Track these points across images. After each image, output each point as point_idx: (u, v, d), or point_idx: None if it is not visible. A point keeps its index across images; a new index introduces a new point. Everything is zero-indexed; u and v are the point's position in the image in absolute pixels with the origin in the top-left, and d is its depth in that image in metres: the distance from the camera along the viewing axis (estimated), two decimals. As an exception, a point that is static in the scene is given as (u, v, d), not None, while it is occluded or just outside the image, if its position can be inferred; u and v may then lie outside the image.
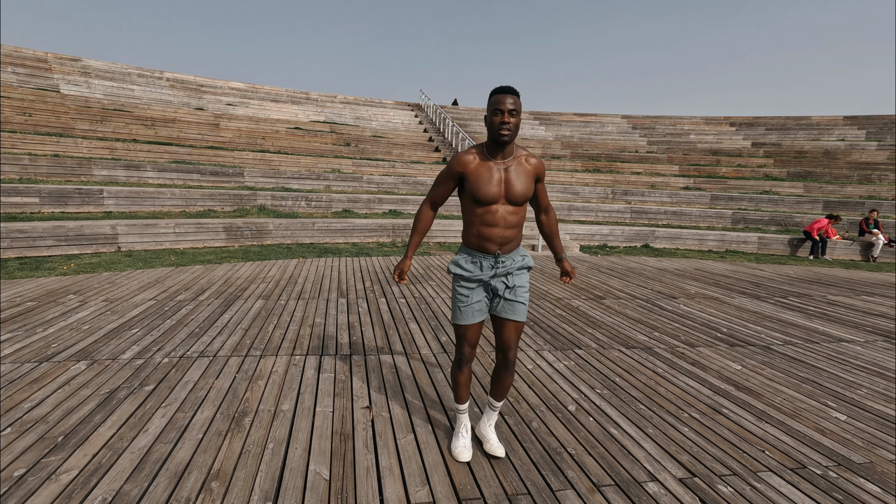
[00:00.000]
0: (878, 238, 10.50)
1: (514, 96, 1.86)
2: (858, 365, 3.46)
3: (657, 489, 1.90)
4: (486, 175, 1.92)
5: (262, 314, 4.14)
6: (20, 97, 12.09)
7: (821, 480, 2.00)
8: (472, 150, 1.98)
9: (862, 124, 19.22)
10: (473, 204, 1.97)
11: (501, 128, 1.85)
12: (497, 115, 1.85)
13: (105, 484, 1.81)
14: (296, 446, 2.11)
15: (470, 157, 1.95)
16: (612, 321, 4.36)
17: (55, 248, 6.60)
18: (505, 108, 1.83)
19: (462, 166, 1.95)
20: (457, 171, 1.97)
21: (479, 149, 1.98)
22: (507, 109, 1.84)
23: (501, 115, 1.84)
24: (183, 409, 2.41)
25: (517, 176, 1.94)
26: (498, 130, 1.86)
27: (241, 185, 10.84)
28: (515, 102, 1.85)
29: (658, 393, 2.83)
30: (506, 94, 1.85)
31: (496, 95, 1.87)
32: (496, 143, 1.89)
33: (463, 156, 1.96)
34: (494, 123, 1.86)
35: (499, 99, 1.85)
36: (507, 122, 1.84)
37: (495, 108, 1.86)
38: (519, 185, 1.93)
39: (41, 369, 2.85)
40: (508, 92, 1.86)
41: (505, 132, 1.85)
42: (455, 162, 1.96)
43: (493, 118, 1.87)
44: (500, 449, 2.11)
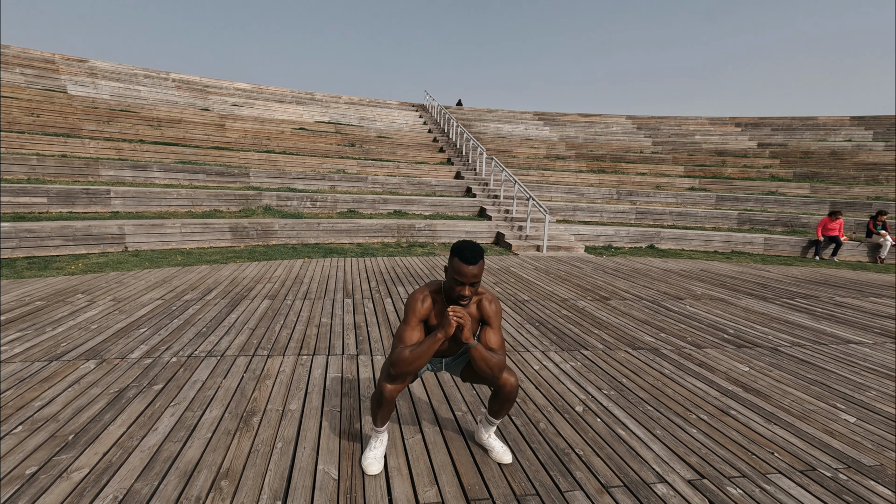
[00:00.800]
0: (885, 239, 10.43)
1: (477, 266, 1.74)
2: (867, 367, 3.44)
3: (666, 490, 1.89)
4: (440, 320, 1.87)
5: (268, 314, 4.16)
6: (28, 98, 12.19)
7: (830, 483, 1.99)
8: (429, 295, 1.90)
9: (869, 125, 19.10)
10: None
11: (460, 300, 1.79)
12: (458, 286, 1.77)
13: (116, 482, 1.82)
14: (304, 446, 2.12)
15: (427, 304, 1.89)
16: (619, 322, 4.35)
17: (63, 247, 6.64)
18: (467, 280, 1.74)
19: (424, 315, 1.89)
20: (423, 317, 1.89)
21: (436, 293, 1.91)
22: (468, 283, 1.75)
23: (462, 287, 1.76)
24: (192, 409, 2.42)
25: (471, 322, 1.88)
26: (458, 301, 1.80)
27: (246, 185, 10.88)
28: (478, 272, 1.74)
29: (665, 394, 2.82)
30: (468, 265, 1.73)
31: (458, 262, 1.74)
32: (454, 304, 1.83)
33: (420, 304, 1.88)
34: (454, 291, 1.79)
35: (461, 269, 1.73)
36: (466, 295, 1.77)
37: (457, 278, 1.75)
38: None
39: (51, 368, 2.87)
40: (471, 262, 1.73)
41: (463, 303, 1.80)
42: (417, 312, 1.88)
43: (453, 285, 1.78)
44: (507, 454, 2.07)
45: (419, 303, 1.89)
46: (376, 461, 1.98)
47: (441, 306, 1.91)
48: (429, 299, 1.90)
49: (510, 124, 20.25)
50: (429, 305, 1.90)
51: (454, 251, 1.77)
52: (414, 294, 1.92)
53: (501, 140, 17.80)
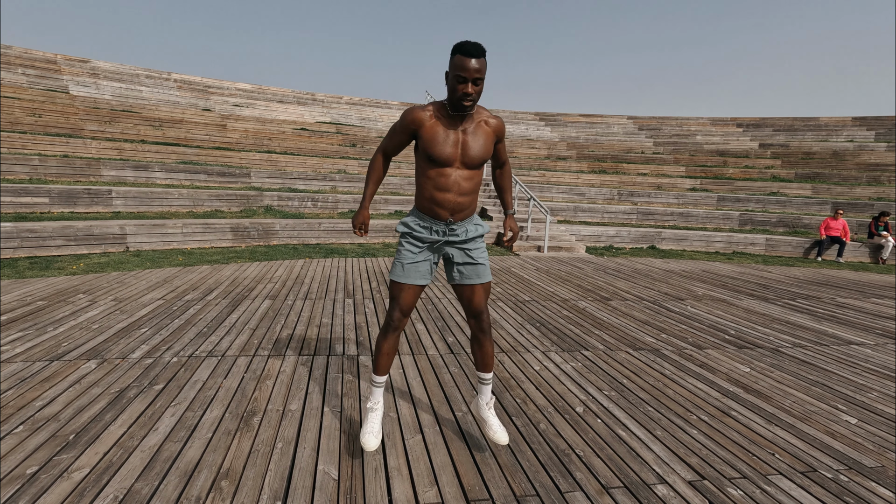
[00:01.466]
0: (887, 240, 10.41)
1: (480, 59, 1.63)
2: (869, 368, 3.44)
3: (666, 492, 1.89)
4: (441, 135, 1.77)
5: (269, 314, 4.16)
6: (30, 98, 12.22)
7: (832, 484, 1.99)
8: (430, 107, 1.80)
9: (871, 125, 19.07)
10: (427, 164, 1.83)
11: (464, 98, 1.67)
12: (461, 83, 1.65)
13: (116, 482, 1.83)
14: (304, 446, 2.12)
15: (426, 113, 1.79)
16: (619, 323, 4.35)
17: (65, 247, 6.65)
18: (469, 75, 1.63)
19: (416, 123, 1.79)
20: (410, 128, 1.81)
21: (438, 106, 1.80)
22: (471, 77, 1.64)
23: (465, 85, 1.65)
24: (192, 409, 2.42)
25: (475, 139, 1.80)
26: (460, 101, 1.69)
27: (247, 185, 10.89)
28: (481, 67, 1.64)
29: (666, 395, 2.82)
30: (470, 58, 1.62)
31: (460, 57, 1.63)
32: (456, 108, 1.74)
33: (419, 111, 1.78)
34: (456, 90, 1.67)
35: (463, 63, 1.62)
36: (469, 93, 1.66)
37: (458, 74, 1.64)
38: (476, 148, 1.80)
39: (52, 368, 2.87)
40: (474, 55, 1.63)
41: (467, 103, 1.69)
42: (409, 117, 1.79)
43: (455, 84, 1.66)
44: (503, 433, 1.98)
45: (417, 110, 1.79)
46: (373, 436, 1.95)
47: (445, 120, 1.79)
48: (430, 109, 1.80)
49: (511, 124, 20.24)
50: (430, 115, 1.79)
51: (455, 48, 1.66)
52: (410, 108, 1.80)
53: (502, 140, 17.78)
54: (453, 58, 1.67)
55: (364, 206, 2.03)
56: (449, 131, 1.79)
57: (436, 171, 1.83)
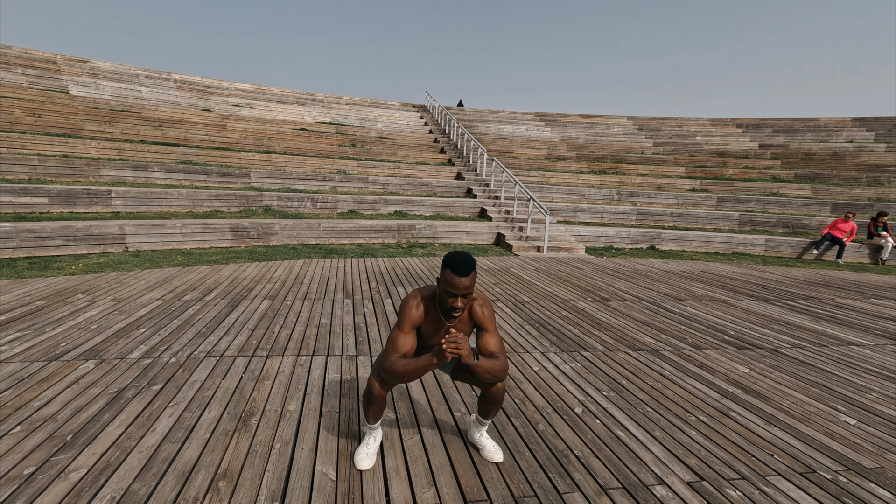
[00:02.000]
0: (886, 241, 10.40)
1: (469, 278, 1.73)
2: (868, 368, 3.43)
3: (665, 492, 1.89)
4: (432, 329, 1.94)
5: (268, 314, 4.16)
6: (30, 98, 12.22)
7: (830, 485, 1.98)
8: (422, 302, 1.89)
9: (871, 126, 19.08)
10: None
11: (453, 311, 1.78)
12: (451, 298, 1.76)
13: (113, 483, 1.82)
14: (302, 447, 2.12)
15: (420, 311, 1.89)
16: (619, 323, 4.35)
17: (64, 247, 6.65)
18: (459, 292, 1.74)
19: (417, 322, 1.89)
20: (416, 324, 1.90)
21: (430, 299, 1.90)
22: (461, 294, 1.75)
23: (454, 299, 1.76)
24: (190, 409, 2.42)
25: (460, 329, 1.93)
26: (449, 312, 1.80)
27: (247, 185, 10.89)
28: (470, 283, 1.74)
29: (665, 396, 2.82)
30: (460, 277, 1.72)
31: (450, 274, 1.73)
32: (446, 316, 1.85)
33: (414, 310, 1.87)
34: (446, 303, 1.79)
35: (453, 281, 1.73)
36: (458, 307, 1.77)
37: (448, 290, 1.76)
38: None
39: (50, 368, 2.87)
40: (463, 273, 1.72)
41: (456, 314, 1.80)
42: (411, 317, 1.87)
43: (445, 297, 1.78)
44: (499, 453, 2.08)
45: (413, 309, 1.88)
46: (367, 457, 1.99)
47: (434, 314, 1.91)
48: (422, 306, 1.90)
49: (511, 125, 20.25)
50: (422, 313, 1.90)
51: (446, 262, 1.76)
52: (408, 299, 1.90)
53: (502, 141, 17.80)
54: (444, 272, 1.77)
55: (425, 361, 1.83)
56: (439, 325, 1.94)
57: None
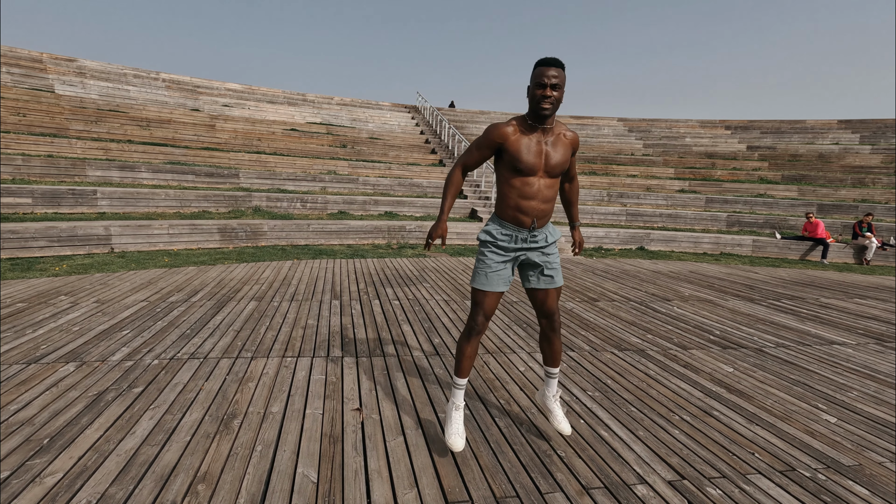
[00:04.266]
0: (871, 241, 10.56)
1: (558, 69, 1.82)
2: (850, 367, 3.48)
3: (646, 492, 1.89)
4: (526, 146, 1.92)
5: (254, 316, 4.13)
6: (14, 97, 12.04)
7: (809, 483, 2.00)
8: (512, 122, 1.95)
9: (856, 128, 19.35)
10: (512, 174, 1.96)
11: (543, 101, 1.83)
12: (540, 89, 1.83)
13: (90, 487, 1.79)
14: (284, 449, 2.10)
15: (510, 128, 1.93)
16: (606, 323, 4.36)
17: (47, 248, 6.55)
18: (548, 81, 1.81)
19: (502, 137, 1.93)
20: (496, 142, 1.95)
21: (519, 120, 1.96)
22: (549, 83, 1.81)
23: (544, 89, 1.82)
24: (171, 412, 2.39)
25: (556, 149, 1.95)
26: (539, 104, 1.84)
27: (236, 186, 10.81)
28: (559, 75, 1.82)
29: (649, 395, 2.83)
30: (549, 67, 1.81)
31: (540, 67, 1.83)
32: (537, 115, 1.88)
33: (503, 127, 1.93)
34: (536, 96, 1.84)
35: (542, 71, 1.82)
36: (549, 95, 1.82)
37: (538, 81, 1.83)
38: (557, 157, 1.94)
39: (29, 371, 2.82)
40: (553, 64, 1.82)
41: (546, 105, 1.84)
42: (495, 132, 1.94)
43: (535, 91, 1.84)
44: (566, 424, 2.14)
45: (501, 126, 1.93)
46: (459, 437, 1.99)
47: (527, 133, 1.94)
48: (511, 125, 1.94)
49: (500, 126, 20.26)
50: (514, 129, 1.93)
51: (536, 63, 1.86)
52: (495, 124, 1.96)
53: (493, 142, 17.82)
54: (534, 70, 1.87)
55: (442, 220, 2.05)
56: (532, 142, 1.93)
57: (521, 181, 1.96)
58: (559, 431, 2.17)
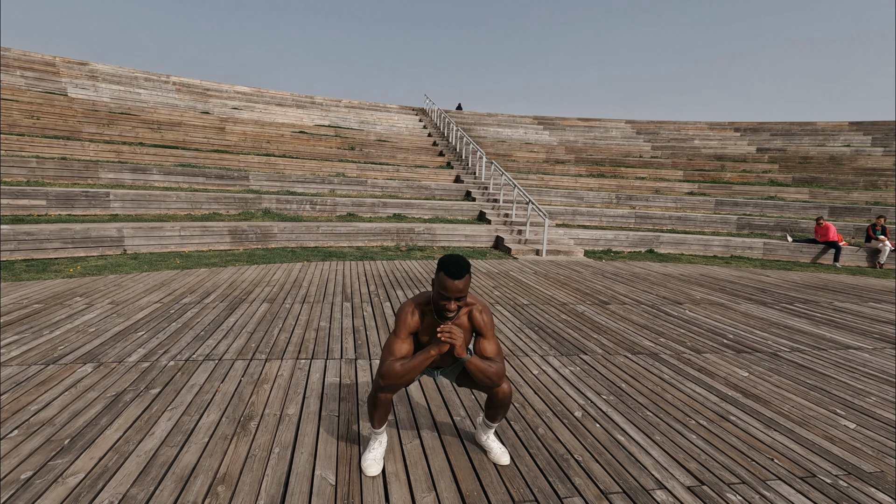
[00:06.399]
0: (884, 244, 10.43)
1: (463, 281, 1.74)
2: (867, 372, 3.44)
3: (665, 497, 1.88)
4: (430, 334, 1.95)
5: (267, 317, 4.15)
6: (28, 100, 12.20)
7: (831, 490, 1.98)
8: (418, 308, 1.92)
9: (867, 130, 19.15)
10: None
11: (446, 311, 1.80)
12: (444, 301, 1.78)
13: (112, 487, 1.81)
14: (302, 451, 2.11)
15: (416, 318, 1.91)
16: (618, 327, 4.34)
17: (62, 250, 6.63)
18: (452, 295, 1.76)
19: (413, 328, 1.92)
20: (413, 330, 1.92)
21: (426, 304, 1.93)
22: (454, 297, 1.77)
23: (448, 302, 1.78)
24: (189, 413, 2.41)
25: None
26: (443, 313, 1.82)
27: (246, 188, 10.88)
28: (464, 287, 1.76)
29: (665, 399, 2.81)
30: (454, 280, 1.73)
31: (444, 277, 1.75)
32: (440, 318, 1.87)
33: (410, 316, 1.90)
34: (439, 305, 1.80)
35: (446, 284, 1.74)
36: (451, 309, 1.79)
37: (441, 293, 1.77)
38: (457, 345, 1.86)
39: (48, 371, 2.85)
40: (457, 276, 1.73)
41: (449, 315, 1.82)
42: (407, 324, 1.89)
43: (438, 300, 1.80)
44: (505, 456, 2.09)
45: (409, 315, 1.91)
46: (375, 462, 1.98)
47: (431, 318, 1.94)
48: (417, 312, 1.93)
49: (510, 128, 20.28)
50: (417, 319, 1.93)
51: (440, 266, 1.78)
52: (404, 307, 1.94)
53: (501, 144, 17.83)
54: (438, 275, 1.79)
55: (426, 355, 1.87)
56: (434, 330, 1.94)
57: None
58: (497, 464, 2.07)
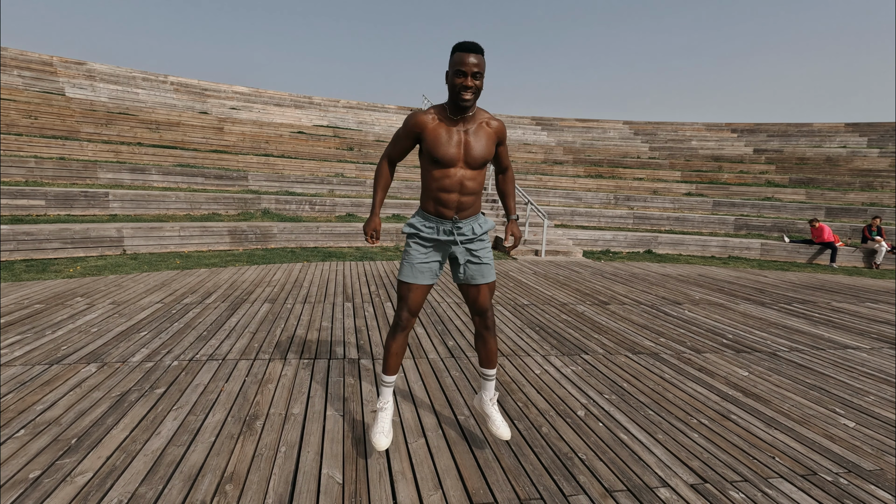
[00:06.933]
0: (880, 245, 10.50)
1: (478, 55, 1.70)
2: (865, 372, 3.47)
3: (669, 495, 1.90)
4: (444, 136, 1.82)
5: (268, 318, 4.16)
6: (26, 100, 12.17)
7: (832, 487, 2.01)
8: (432, 110, 1.86)
9: (863, 131, 19.27)
10: (431, 166, 1.87)
11: (464, 91, 1.72)
12: (459, 77, 1.70)
13: (120, 486, 1.82)
14: (308, 450, 2.12)
15: (428, 117, 1.83)
16: (618, 327, 4.37)
17: (61, 250, 6.62)
18: (468, 69, 1.68)
19: (419, 126, 1.84)
20: (413, 131, 1.86)
21: (439, 109, 1.86)
22: (470, 72, 1.69)
23: (464, 78, 1.70)
24: (194, 412, 2.42)
25: (477, 139, 1.85)
26: (459, 94, 1.73)
27: (245, 188, 10.88)
28: (479, 63, 1.70)
29: (666, 398, 2.84)
30: (469, 54, 1.68)
31: (459, 53, 1.69)
32: (457, 106, 1.78)
33: (421, 115, 1.83)
34: (455, 85, 1.72)
35: (461, 59, 1.68)
36: (469, 86, 1.71)
37: (457, 69, 1.70)
38: (479, 149, 1.84)
39: (52, 371, 2.86)
40: (473, 51, 1.69)
41: (466, 96, 1.73)
42: (412, 121, 1.84)
43: (454, 79, 1.72)
44: (505, 428, 2.03)
45: (420, 114, 1.84)
46: (383, 435, 1.94)
47: (447, 122, 1.84)
48: (430, 113, 1.85)
49: (508, 129, 20.32)
50: (429, 119, 1.84)
51: (455, 47, 1.73)
52: (415, 112, 1.86)
53: (499, 145, 17.85)
54: (453, 56, 1.73)
55: (375, 213, 2.03)
56: (451, 132, 1.83)
57: (440, 172, 1.87)
58: (497, 437, 2.04)
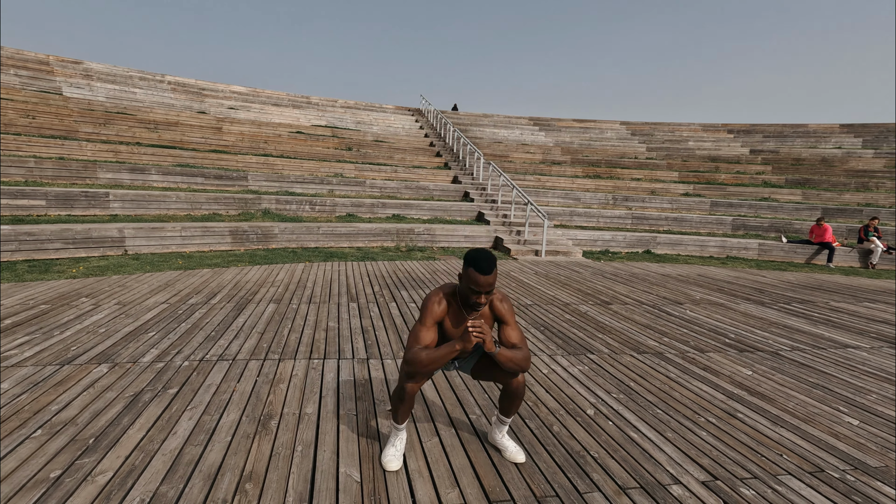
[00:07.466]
0: (876, 245, 10.61)
1: (492, 275, 1.83)
2: (866, 371, 3.52)
3: (681, 492, 1.94)
4: (455, 324, 2.01)
5: (275, 318, 4.17)
6: (24, 100, 12.10)
7: (839, 484, 2.05)
8: (444, 298, 1.99)
9: (858, 132, 19.43)
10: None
11: (477, 307, 1.88)
12: (473, 295, 1.86)
13: (141, 485, 1.84)
14: (324, 449, 2.15)
15: (442, 307, 1.97)
16: (622, 326, 4.41)
17: (63, 250, 6.61)
18: (482, 289, 1.83)
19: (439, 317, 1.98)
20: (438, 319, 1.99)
21: (451, 295, 2.00)
22: (483, 291, 1.84)
23: (478, 296, 1.85)
24: (209, 412, 2.44)
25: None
26: (472, 307, 1.90)
27: (245, 188, 10.87)
28: (493, 279, 1.83)
29: (673, 397, 2.88)
30: (484, 275, 1.81)
31: (474, 273, 1.82)
32: (468, 307, 1.95)
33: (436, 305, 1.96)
34: (469, 299, 1.88)
35: (476, 279, 1.82)
36: (482, 303, 1.87)
37: (472, 287, 1.84)
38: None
39: (64, 372, 2.87)
40: (486, 271, 1.81)
41: (478, 308, 1.90)
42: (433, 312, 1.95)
43: (469, 294, 1.87)
44: (521, 453, 2.13)
45: (435, 304, 1.97)
46: (395, 458, 2.03)
47: (456, 309, 2.01)
48: (444, 302, 1.99)
49: (506, 129, 20.36)
50: (444, 308, 1.99)
51: (469, 261, 1.85)
52: (430, 296, 2.00)
53: (497, 145, 17.90)
54: (467, 270, 1.86)
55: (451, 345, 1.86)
56: (461, 319, 2.02)
57: None
58: (512, 461, 2.11)
